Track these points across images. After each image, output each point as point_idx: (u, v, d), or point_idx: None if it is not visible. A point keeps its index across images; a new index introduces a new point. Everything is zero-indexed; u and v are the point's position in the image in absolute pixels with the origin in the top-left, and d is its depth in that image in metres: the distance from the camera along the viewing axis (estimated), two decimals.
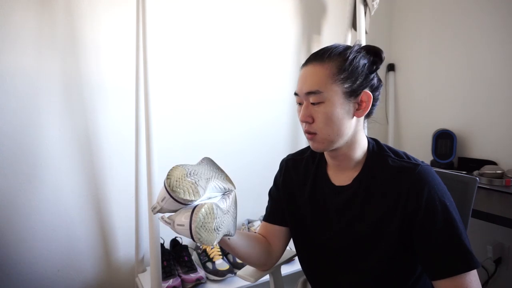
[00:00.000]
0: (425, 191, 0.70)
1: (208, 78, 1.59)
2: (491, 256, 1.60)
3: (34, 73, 1.27)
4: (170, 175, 0.67)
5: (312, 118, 0.74)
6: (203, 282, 1.35)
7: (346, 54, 0.73)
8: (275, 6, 1.72)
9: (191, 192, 0.66)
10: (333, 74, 0.72)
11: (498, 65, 1.63)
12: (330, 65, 0.73)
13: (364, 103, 0.75)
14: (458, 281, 0.66)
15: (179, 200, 0.66)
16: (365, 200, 0.77)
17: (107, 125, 1.41)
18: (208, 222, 0.65)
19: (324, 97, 0.72)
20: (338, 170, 0.83)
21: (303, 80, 0.75)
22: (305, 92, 0.74)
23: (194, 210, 0.66)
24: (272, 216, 0.93)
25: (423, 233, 0.70)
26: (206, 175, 0.72)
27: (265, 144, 1.75)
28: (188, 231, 0.65)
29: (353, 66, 0.73)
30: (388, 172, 0.75)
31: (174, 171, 0.68)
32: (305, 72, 0.76)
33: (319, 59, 0.74)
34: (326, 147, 0.76)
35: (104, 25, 1.36)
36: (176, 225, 0.67)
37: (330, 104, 0.72)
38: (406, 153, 0.79)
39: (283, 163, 0.96)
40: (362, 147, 0.80)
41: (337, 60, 0.73)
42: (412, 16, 2.01)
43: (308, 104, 0.74)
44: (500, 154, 1.65)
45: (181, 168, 0.69)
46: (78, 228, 1.39)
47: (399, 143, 2.15)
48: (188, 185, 0.66)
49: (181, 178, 0.67)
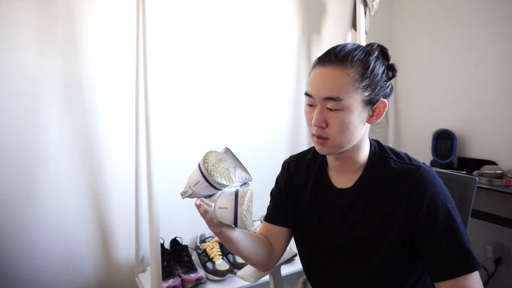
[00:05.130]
0: (427, 193, 0.70)
1: (208, 78, 1.59)
2: (491, 256, 1.60)
3: (34, 73, 1.27)
4: (207, 159, 0.68)
5: (326, 123, 0.71)
6: (203, 282, 1.35)
7: (369, 62, 0.71)
8: (275, 6, 1.72)
9: (226, 177, 0.68)
10: (355, 81, 0.69)
11: (498, 65, 1.63)
12: (352, 72, 0.69)
13: (379, 110, 0.74)
14: (460, 282, 0.66)
15: (214, 185, 0.68)
16: (367, 203, 0.77)
17: (107, 125, 1.40)
18: (250, 206, 0.70)
19: (343, 105, 0.69)
20: (340, 172, 0.82)
21: (321, 84, 0.70)
22: (323, 97, 0.70)
23: (238, 194, 0.69)
24: (273, 216, 0.93)
25: (425, 236, 0.70)
26: (233, 164, 0.75)
27: (265, 144, 1.75)
28: (232, 214, 0.67)
29: (374, 74, 0.71)
30: (390, 174, 0.75)
31: (210, 156, 0.69)
32: (323, 75, 0.71)
33: (341, 63, 0.69)
34: (335, 152, 0.75)
35: (104, 25, 1.36)
36: (217, 208, 0.69)
37: (349, 112, 0.69)
38: (408, 154, 0.79)
39: (285, 164, 0.95)
40: (365, 150, 0.80)
41: (359, 66, 0.70)
42: (412, 16, 2.01)
43: (323, 108, 0.71)
44: (500, 154, 1.65)
45: (215, 154, 0.71)
46: (78, 228, 1.39)
47: (399, 143, 2.15)
48: (223, 170, 0.69)
49: (216, 163, 0.69)
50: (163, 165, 1.42)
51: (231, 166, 0.72)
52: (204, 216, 0.73)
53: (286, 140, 1.82)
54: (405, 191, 0.72)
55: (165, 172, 1.46)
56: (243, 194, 0.68)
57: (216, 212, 0.69)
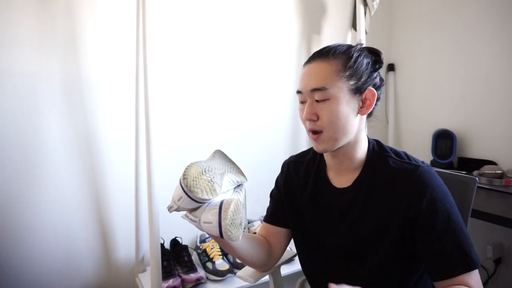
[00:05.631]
0: (426, 193, 0.70)
1: (208, 79, 1.59)
2: (491, 256, 1.60)
3: (34, 73, 1.27)
4: (186, 174, 0.65)
5: (316, 116, 0.73)
6: (203, 282, 1.35)
7: (351, 52, 0.74)
8: (276, 6, 1.72)
9: (208, 191, 0.66)
10: (339, 71, 0.72)
11: (498, 65, 1.63)
12: (335, 62, 0.72)
13: (368, 101, 0.75)
14: (459, 281, 0.66)
15: (196, 200, 0.66)
16: (367, 202, 0.76)
17: (107, 125, 1.41)
18: (235, 219, 0.66)
19: (329, 94, 0.71)
20: (339, 171, 0.82)
21: (307, 77, 0.74)
22: (310, 89, 0.73)
23: (222, 207, 0.66)
24: (273, 217, 0.93)
25: (425, 235, 0.70)
26: (220, 170, 0.72)
27: (265, 144, 1.75)
28: (217, 228, 0.65)
29: (358, 64, 0.73)
30: (389, 173, 0.75)
31: (190, 170, 0.66)
32: (308, 70, 0.75)
33: (323, 57, 0.74)
34: (331, 146, 0.75)
35: (104, 24, 1.36)
36: (202, 223, 0.67)
37: (336, 101, 0.71)
38: (407, 153, 0.79)
39: (284, 165, 0.95)
40: (363, 147, 0.79)
41: (342, 57, 0.73)
42: (412, 16, 2.01)
43: (312, 101, 0.73)
44: (500, 154, 1.64)
45: (196, 166, 0.68)
46: (78, 228, 1.39)
47: (399, 143, 2.15)
48: (205, 184, 0.66)
49: (197, 177, 0.66)
50: (163, 165, 1.42)
51: (218, 174, 0.70)
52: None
53: (286, 141, 1.82)
54: (405, 190, 0.72)
55: (165, 172, 1.46)
56: (227, 207, 0.65)
57: (201, 226, 0.67)
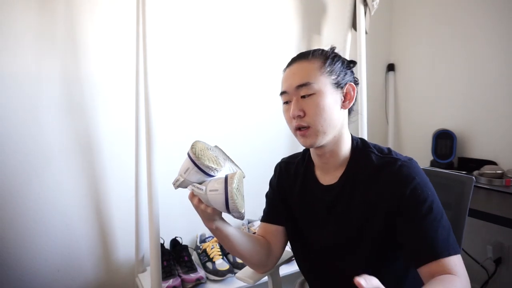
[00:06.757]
0: (410, 180, 0.72)
1: (208, 79, 1.59)
2: (491, 256, 1.60)
3: (34, 73, 1.27)
4: (194, 145, 0.72)
5: (303, 112, 0.76)
6: (203, 282, 1.35)
7: (327, 53, 0.80)
8: (275, 6, 1.72)
9: (214, 161, 0.71)
10: (320, 67, 0.77)
11: (498, 65, 1.62)
12: (315, 61, 0.78)
13: (349, 94, 0.80)
14: (442, 267, 0.67)
15: (203, 168, 0.70)
16: (351, 197, 0.79)
17: (107, 125, 1.41)
18: (241, 186, 0.71)
19: (314, 89, 0.75)
20: (325, 169, 0.85)
21: (291, 77, 0.79)
22: (295, 86, 0.77)
23: (227, 177, 0.70)
24: (269, 216, 0.95)
25: (407, 221, 0.72)
26: (223, 156, 0.78)
27: (263, 144, 1.75)
28: (223, 195, 0.68)
29: (335, 61, 0.79)
30: (372, 168, 0.78)
31: (198, 143, 0.73)
32: (291, 70, 0.80)
33: (304, 58, 0.80)
34: (319, 140, 0.77)
35: (104, 25, 1.37)
36: (208, 191, 0.70)
37: (321, 94, 0.75)
38: (391, 149, 0.81)
39: (277, 167, 0.99)
40: (347, 144, 0.82)
41: (320, 57, 0.79)
42: (412, 16, 2.01)
43: (298, 98, 0.77)
44: (500, 154, 1.64)
45: (202, 143, 0.74)
46: (78, 228, 1.39)
47: (399, 143, 2.15)
48: (211, 156, 0.72)
49: (204, 149, 0.72)
50: (163, 165, 1.42)
51: (221, 157, 0.76)
52: (197, 207, 0.75)
53: (285, 140, 1.82)
54: (390, 178, 0.74)
55: (165, 172, 1.46)
56: (232, 175, 0.70)
57: (207, 195, 0.70)
